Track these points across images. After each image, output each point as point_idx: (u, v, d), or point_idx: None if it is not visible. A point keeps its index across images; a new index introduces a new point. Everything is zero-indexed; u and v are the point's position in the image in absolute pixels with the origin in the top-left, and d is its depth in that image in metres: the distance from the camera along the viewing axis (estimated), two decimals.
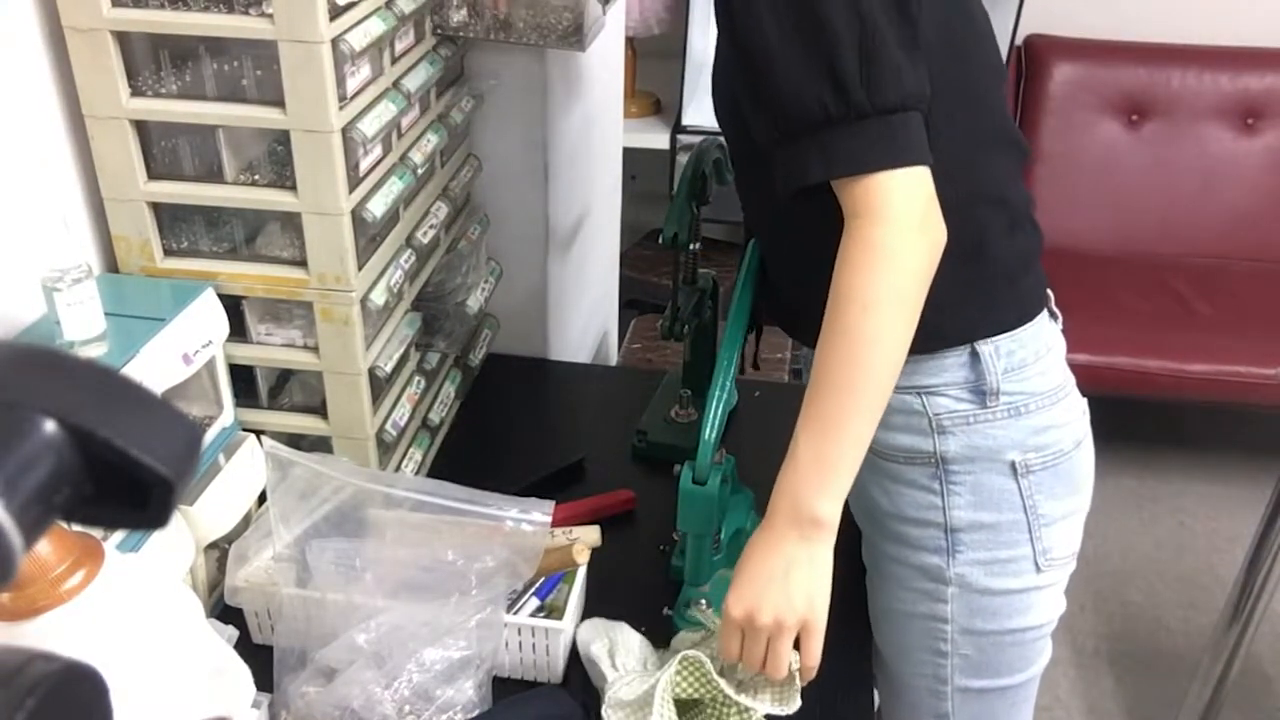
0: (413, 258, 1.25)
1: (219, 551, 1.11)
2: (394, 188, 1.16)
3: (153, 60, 1.06)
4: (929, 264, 0.87)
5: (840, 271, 0.87)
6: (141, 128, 1.07)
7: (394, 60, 1.17)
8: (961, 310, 0.97)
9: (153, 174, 1.09)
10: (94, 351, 0.95)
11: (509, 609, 1.05)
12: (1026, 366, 0.98)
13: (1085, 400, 1.05)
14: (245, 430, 1.16)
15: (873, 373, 0.87)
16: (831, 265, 0.88)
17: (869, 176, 0.85)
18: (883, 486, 1.05)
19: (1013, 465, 0.99)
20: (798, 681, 0.94)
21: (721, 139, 1.32)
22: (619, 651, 1.04)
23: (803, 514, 0.89)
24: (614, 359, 2.17)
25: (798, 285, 1.07)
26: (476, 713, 0.98)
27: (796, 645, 0.91)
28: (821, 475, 0.89)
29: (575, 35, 1.30)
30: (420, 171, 1.23)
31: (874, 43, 0.83)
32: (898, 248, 0.85)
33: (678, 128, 2.47)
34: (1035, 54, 2.96)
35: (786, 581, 0.90)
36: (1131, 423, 2.93)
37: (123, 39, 1.02)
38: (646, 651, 1.07)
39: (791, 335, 1.14)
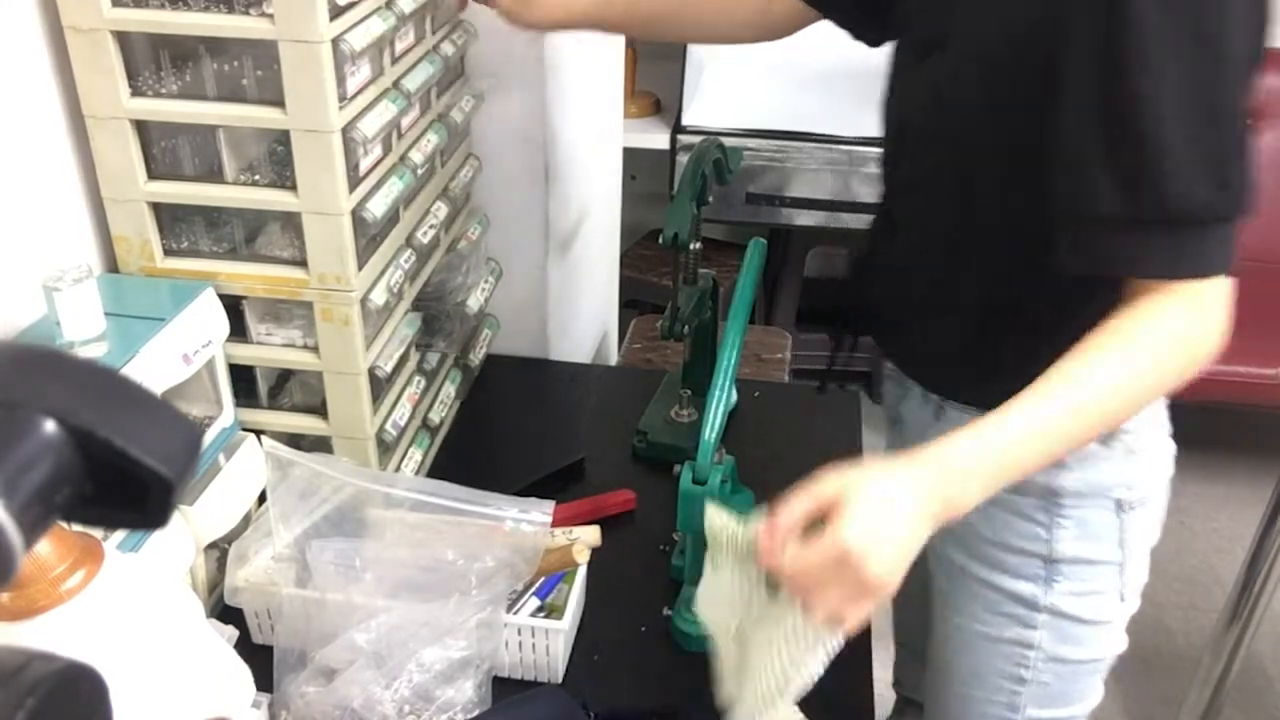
0: (413, 258, 1.25)
1: (219, 551, 1.11)
2: (394, 188, 1.16)
3: (153, 60, 1.06)
4: None
5: (1165, 350, 0.82)
6: (141, 128, 1.07)
7: (394, 60, 1.17)
8: None
9: (153, 174, 1.09)
10: (94, 351, 0.95)
11: (509, 609, 1.05)
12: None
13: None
14: (245, 430, 1.16)
15: (1107, 427, 0.86)
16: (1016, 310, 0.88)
17: (1209, 281, 0.81)
18: (985, 512, 0.98)
19: (1118, 502, 1.00)
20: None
21: (721, 139, 1.33)
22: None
23: (956, 504, 0.79)
24: (614, 359, 2.17)
25: (943, 303, 1.01)
26: (476, 713, 0.98)
27: None
28: (999, 479, 0.81)
29: None
30: (420, 171, 1.23)
31: (1248, 140, 0.76)
32: (1211, 353, 0.83)
33: (678, 128, 2.47)
34: None
35: (902, 551, 0.77)
36: None
37: (123, 39, 1.02)
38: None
39: (879, 339, 1.10)
